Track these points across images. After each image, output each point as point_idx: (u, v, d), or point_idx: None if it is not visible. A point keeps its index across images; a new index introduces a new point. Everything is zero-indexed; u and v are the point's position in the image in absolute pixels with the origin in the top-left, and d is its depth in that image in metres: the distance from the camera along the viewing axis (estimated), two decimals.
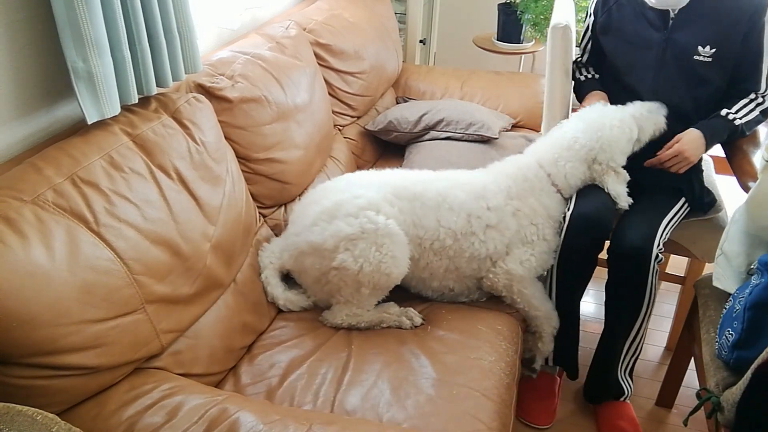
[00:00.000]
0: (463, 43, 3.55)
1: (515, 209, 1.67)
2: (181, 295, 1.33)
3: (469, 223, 1.64)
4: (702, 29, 1.71)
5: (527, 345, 1.79)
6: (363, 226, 1.53)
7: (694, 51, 1.72)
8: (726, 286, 1.53)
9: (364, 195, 1.60)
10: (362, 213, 1.55)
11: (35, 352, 1.06)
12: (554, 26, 1.91)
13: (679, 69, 1.76)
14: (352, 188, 1.65)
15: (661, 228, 1.67)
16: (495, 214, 1.65)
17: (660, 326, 2.29)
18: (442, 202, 1.65)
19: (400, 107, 2.46)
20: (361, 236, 1.53)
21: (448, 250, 1.65)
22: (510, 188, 1.69)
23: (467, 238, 1.64)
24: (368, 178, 1.72)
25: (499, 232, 1.66)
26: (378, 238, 1.54)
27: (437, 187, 1.67)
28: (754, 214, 1.48)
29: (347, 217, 1.56)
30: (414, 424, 1.28)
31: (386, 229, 1.54)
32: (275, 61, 1.84)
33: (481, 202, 1.66)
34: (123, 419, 1.13)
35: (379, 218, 1.55)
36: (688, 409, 1.49)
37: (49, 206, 1.13)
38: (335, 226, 1.55)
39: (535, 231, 1.68)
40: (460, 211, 1.64)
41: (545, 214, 1.70)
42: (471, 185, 1.69)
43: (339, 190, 1.66)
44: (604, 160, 1.70)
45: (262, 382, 1.42)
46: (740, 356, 1.34)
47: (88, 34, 1.21)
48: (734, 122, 1.72)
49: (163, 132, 1.39)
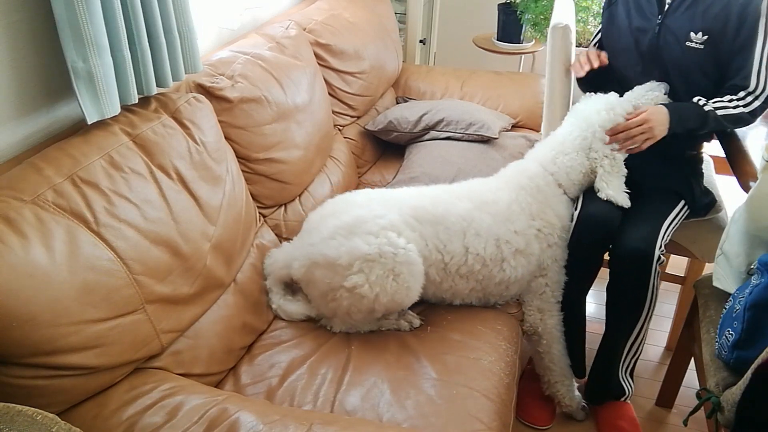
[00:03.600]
0: (463, 43, 3.55)
1: (537, 230, 1.66)
2: (181, 295, 1.33)
3: (499, 249, 1.62)
4: (695, 16, 1.70)
5: (557, 398, 1.83)
6: (382, 248, 1.48)
7: (686, 37, 1.71)
8: (726, 286, 1.53)
9: (386, 215, 1.55)
10: (383, 233, 1.50)
11: (35, 352, 1.06)
12: (554, 26, 1.91)
13: (671, 55, 1.75)
14: (373, 205, 1.60)
15: (662, 229, 1.67)
16: (522, 238, 1.64)
17: (660, 326, 2.29)
18: (468, 227, 1.60)
19: (400, 107, 2.46)
20: (379, 259, 1.48)
21: (477, 274, 1.62)
22: (531, 205, 1.67)
23: (498, 264, 1.62)
24: (388, 196, 1.67)
25: (526, 257, 1.65)
26: (396, 265, 1.48)
27: (459, 209, 1.62)
28: (754, 214, 1.48)
29: (367, 235, 1.51)
30: (414, 424, 1.28)
31: (405, 256, 1.49)
32: (275, 61, 1.84)
33: (508, 225, 1.63)
34: (123, 419, 1.13)
35: (400, 241, 1.50)
36: (688, 409, 1.49)
37: (49, 206, 1.13)
38: (353, 243, 1.50)
39: (550, 254, 1.68)
40: (488, 237, 1.60)
41: (559, 226, 1.69)
42: (496, 206, 1.65)
43: (359, 205, 1.61)
44: (599, 147, 1.70)
45: (262, 382, 1.42)
46: (740, 356, 1.34)
47: (88, 34, 1.21)
48: (704, 107, 1.67)
49: (163, 132, 1.39)
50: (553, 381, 1.80)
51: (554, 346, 1.74)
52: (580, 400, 1.85)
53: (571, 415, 1.87)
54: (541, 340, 1.73)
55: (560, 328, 1.75)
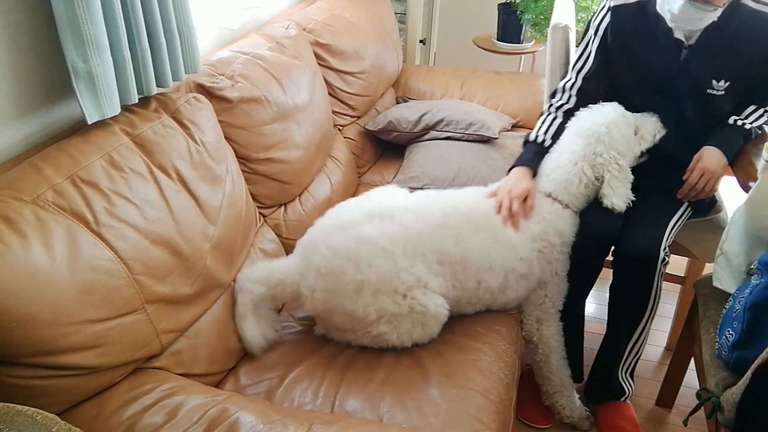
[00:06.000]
0: (463, 43, 3.55)
1: (538, 252, 1.62)
2: (181, 295, 1.33)
3: (506, 278, 1.60)
4: (717, 63, 1.65)
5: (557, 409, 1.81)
6: (412, 307, 1.47)
7: (708, 85, 1.67)
8: (726, 286, 1.53)
9: (411, 268, 1.48)
10: (410, 293, 1.47)
11: (35, 352, 1.06)
12: (554, 26, 1.91)
13: (691, 99, 1.71)
14: (396, 251, 1.47)
15: (667, 230, 1.67)
16: (526, 264, 1.61)
17: (660, 326, 2.29)
18: (484, 263, 1.56)
19: (400, 107, 2.46)
20: (409, 315, 1.47)
21: (483, 301, 1.62)
22: (530, 227, 1.61)
23: (503, 291, 1.61)
24: (408, 235, 1.51)
25: (527, 280, 1.63)
26: (425, 319, 1.48)
27: (478, 245, 1.55)
28: (754, 214, 1.48)
29: (395, 294, 1.47)
30: (414, 425, 1.28)
31: (435, 313, 1.49)
32: (275, 61, 1.84)
33: (514, 254, 1.59)
34: (123, 419, 1.13)
35: (429, 302, 1.48)
36: (688, 409, 1.49)
37: (49, 206, 1.13)
38: (380, 303, 1.46)
39: (550, 269, 1.65)
40: (500, 270, 1.58)
41: (560, 242, 1.64)
42: (504, 233, 1.59)
43: (381, 252, 1.47)
44: (603, 150, 1.62)
45: (262, 383, 1.42)
46: (740, 356, 1.34)
47: (88, 34, 1.21)
48: (745, 127, 1.68)
49: (163, 132, 1.39)
50: (552, 391, 1.78)
51: (552, 356, 1.72)
52: (582, 410, 1.82)
53: (575, 426, 1.84)
54: (538, 349, 1.71)
55: (559, 337, 1.72)
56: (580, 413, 1.82)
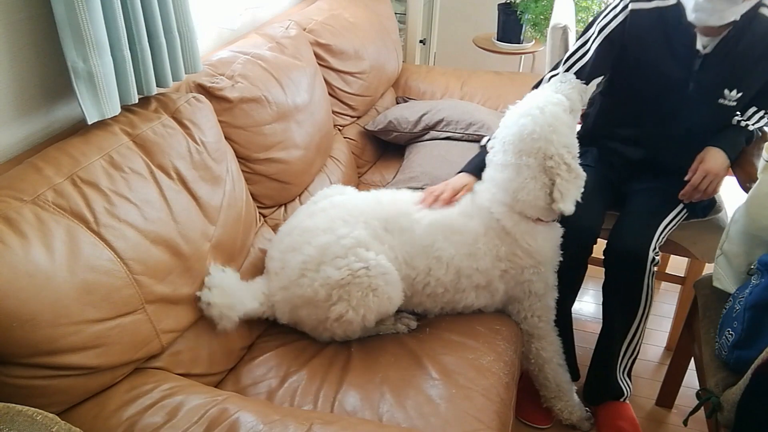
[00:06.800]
0: (463, 43, 3.55)
1: (502, 271, 1.56)
2: (181, 295, 1.33)
3: (459, 281, 1.55)
4: (731, 73, 1.63)
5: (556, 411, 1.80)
6: (352, 267, 1.43)
7: (720, 94, 1.65)
8: (726, 286, 1.53)
9: (350, 233, 1.49)
10: (350, 252, 1.45)
11: (35, 352, 1.06)
12: (554, 26, 1.91)
13: (700, 108, 1.69)
14: (335, 225, 1.51)
15: (658, 231, 1.67)
16: (484, 277, 1.55)
17: (660, 326, 2.29)
18: (429, 248, 1.53)
19: (400, 107, 2.46)
20: (353, 280, 1.43)
21: (441, 297, 1.58)
22: (498, 248, 1.54)
23: (459, 293, 1.57)
24: (351, 207, 1.56)
25: (489, 292, 1.60)
26: (371, 280, 1.44)
27: (423, 225, 1.54)
28: (754, 214, 1.48)
29: (335, 259, 1.45)
30: (414, 424, 1.28)
31: (377, 268, 1.44)
32: (275, 61, 1.84)
33: (471, 262, 1.54)
34: (123, 419, 1.13)
35: (369, 254, 1.45)
36: (688, 409, 1.50)
37: (49, 206, 1.13)
38: (323, 274, 1.45)
39: (521, 289, 1.59)
40: (450, 266, 1.53)
41: (533, 263, 1.55)
42: (461, 236, 1.54)
43: (321, 231, 1.51)
44: (553, 152, 1.49)
45: (262, 383, 1.42)
46: (740, 356, 1.34)
47: (88, 34, 1.21)
48: (747, 128, 1.68)
49: (163, 132, 1.39)
50: (549, 397, 1.77)
51: (546, 366, 1.70)
52: (581, 411, 1.82)
53: (575, 426, 1.83)
54: (530, 359, 1.70)
55: (552, 348, 1.68)
56: (580, 415, 1.81)
